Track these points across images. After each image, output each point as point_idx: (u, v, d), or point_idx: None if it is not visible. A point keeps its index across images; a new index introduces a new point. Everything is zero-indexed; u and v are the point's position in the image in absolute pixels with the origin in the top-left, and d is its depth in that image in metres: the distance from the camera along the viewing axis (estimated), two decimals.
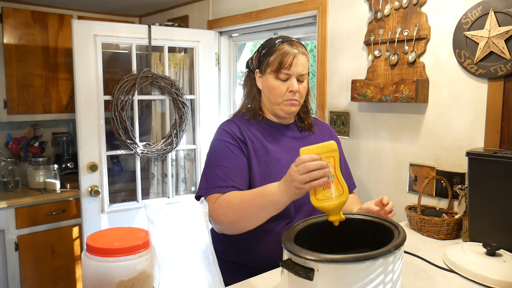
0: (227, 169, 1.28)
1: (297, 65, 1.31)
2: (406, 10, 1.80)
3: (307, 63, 1.35)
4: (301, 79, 1.33)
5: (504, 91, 1.55)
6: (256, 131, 1.38)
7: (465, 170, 1.60)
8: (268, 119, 1.42)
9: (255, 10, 2.52)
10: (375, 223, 1.06)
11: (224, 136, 1.35)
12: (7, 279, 2.63)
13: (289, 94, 1.32)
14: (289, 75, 1.31)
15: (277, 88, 1.32)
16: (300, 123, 1.47)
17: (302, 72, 1.32)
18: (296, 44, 1.34)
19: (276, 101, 1.35)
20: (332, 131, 1.55)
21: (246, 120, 1.40)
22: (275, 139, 1.39)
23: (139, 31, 2.61)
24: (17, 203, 2.64)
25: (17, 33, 2.85)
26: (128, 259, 0.79)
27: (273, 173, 1.32)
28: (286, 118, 1.40)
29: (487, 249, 1.23)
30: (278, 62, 1.31)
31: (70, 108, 3.07)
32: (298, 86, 1.32)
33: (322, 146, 1.06)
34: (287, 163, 1.30)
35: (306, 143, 1.39)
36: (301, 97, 1.35)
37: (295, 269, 0.84)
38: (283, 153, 1.36)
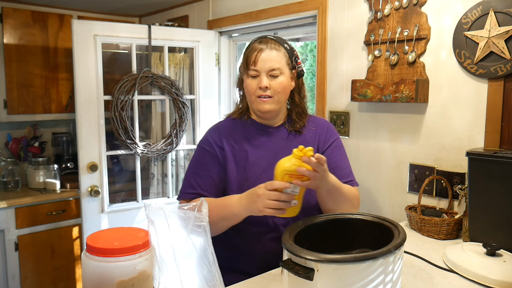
0: (199, 177, 1.33)
1: (264, 60, 1.28)
2: (406, 10, 1.80)
3: (279, 58, 1.30)
4: (274, 74, 1.29)
5: (504, 91, 1.55)
6: (239, 133, 1.37)
7: (465, 170, 1.59)
8: (254, 120, 1.40)
9: (255, 10, 2.52)
10: (375, 223, 1.06)
11: (204, 143, 1.38)
12: (7, 279, 2.63)
13: (259, 91, 1.29)
14: (257, 71, 1.29)
15: (249, 85, 1.31)
16: (289, 125, 1.41)
17: (272, 67, 1.28)
18: (266, 40, 1.32)
19: (250, 99, 1.34)
20: (327, 129, 1.46)
21: (232, 122, 1.40)
22: (258, 141, 1.36)
23: (139, 31, 2.61)
24: (17, 203, 2.64)
25: (17, 33, 2.85)
26: (128, 259, 0.79)
27: (250, 178, 1.30)
28: (265, 117, 1.37)
29: (487, 249, 1.23)
30: (245, 60, 1.31)
31: (70, 108, 3.07)
32: (269, 82, 1.28)
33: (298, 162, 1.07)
34: (266, 168, 1.30)
35: (291, 145, 1.34)
36: (275, 93, 1.30)
37: (295, 269, 0.84)
38: (265, 157, 1.34)
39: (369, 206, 2.03)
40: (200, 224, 0.91)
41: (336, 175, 1.33)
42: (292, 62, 1.35)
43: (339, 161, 1.40)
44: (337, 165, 1.38)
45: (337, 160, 1.40)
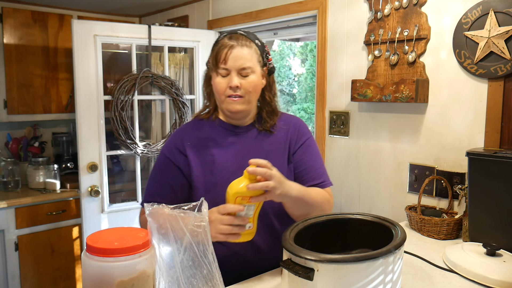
0: (158, 184, 1.29)
1: (235, 58, 1.21)
2: (406, 10, 1.80)
3: (250, 56, 1.23)
4: (244, 73, 1.22)
5: (504, 91, 1.55)
6: (206, 136, 1.31)
7: (465, 170, 1.59)
8: (221, 120, 1.33)
9: (255, 10, 2.52)
10: (375, 223, 1.06)
11: (165, 149, 1.32)
12: (7, 279, 2.63)
13: (229, 90, 1.23)
14: (228, 69, 1.22)
15: (218, 84, 1.24)
16: (259, 124, 1.34)
17: (242, 65, 1.21)
18: (237, 36, 1.24)
19: (219, 98, 1.26)
20: (299, 127, 1.38)
21: (198, 123, 1.34)
22: (226, 142, 1.30)
23: (139, 31, 2.61)
24: (17, 203, 2.64)
25: (17, 33, 2.85)
26: (128, 259, 0.79)
27: (218, 183, 1.24)
28: (234, 118, 1.30)
29: (487, 249, 1.23)
30: (214, 57, 1.24)
31: (70, 108, 3.07)
32: (240, 81, 1.22)
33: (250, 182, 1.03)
34: (235, 170, 1.23)
35: (262, 146, 1.31)
36: (246, 93, 1.23)
37: (295, 269, 0.84)
38: (233, 159, 1.28)
39: (369, 206, 2.03)
40: (200, 224, 0.91)
41: (307, 177, 1.31)
42: (263, 59, 1.29)
43: (311, 162, 1.34)
44: (309, 166, 1.33)
45: (309, 161, 1.34)
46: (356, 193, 2.09)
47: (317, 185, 1.32)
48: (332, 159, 2.18)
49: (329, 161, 2.20)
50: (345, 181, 2.13)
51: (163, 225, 0.90)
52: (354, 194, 2.10)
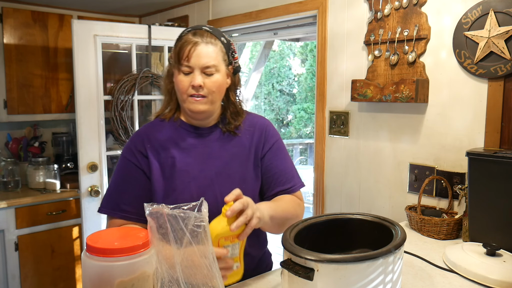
0: (122, 190, 1.22)
1: (198, 56, 1.15)
2: (406, 10, 1.80)
3: (215, 54, 1.18)
4: (209, 71, 1.16)
5: (504, 91, 1.55)
6: (167, 137, 1.24)
7: (465, 170, 1.59)
8: (183, 121, 1.27)
9: (255, 10, 2.52)
10: (375, 223, 1.06)
11: (126, 151, 1.25)
12: (7, 279, 2.63)
13: (191, 90, 1.16)
14: (191, 67, 1.16)
15: (180, 82, 1.17)
16: (223, 125, 1.28)
17: (206, 63, 1.15)
18: (202, 33, 1.18)
19: (181, 97, 1.20)
20: (264, 129, 1.32)
21: (160, 124, 1.27)
22: (188, 145, 1.24)
23: (139, 31, 2.61)
24: (17, 203, 2.64)
25: (17, 33, 2.85)
26: (128, 259, 0.78)
27: (178, 187, 1.20)
28: (196, 118, 1.24)
29: (487, 249, 1.23)
30: (177, 53, 1.17)
31: (70, 108, 3.07)
32: (203, 80, 1.16)
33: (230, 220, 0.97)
34: (197, 175, 1.21)
35: (225, 149, 1.26)
36: (210, 93, 1.18)
37: (295, 269, 0.84)
38: (195, 163, 1.23)
39: (369, 206, 2.03)
40: (200, 224, 0.91)
41: (277, 182, 1.28)
42: (228, 57, 1.23)
43: (281, 166, 1.30)
44: (279, 170, 1.29)
45: (279, 165, 1.30)
46: (356, 193, 2.09)
47: (288, 189, 1.28)
48: (332, 159, 2.18)
49: (329, 161, 2.20)
50: (345, 181, 2.13)
51: (163, 225, 0.90)
52: (354, 194, 2.10)
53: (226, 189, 1.17)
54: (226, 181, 1.23)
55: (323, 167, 2.23)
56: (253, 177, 1.27)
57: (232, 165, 1.25)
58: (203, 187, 1.21)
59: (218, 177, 1.23)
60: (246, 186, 1.23)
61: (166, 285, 0.89)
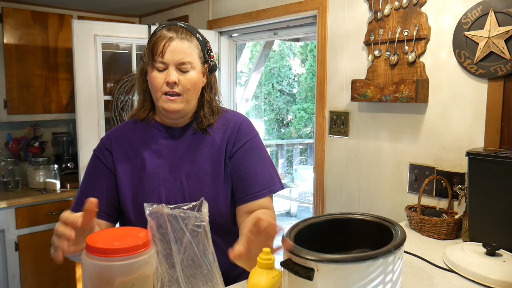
0: (85, 189, 1.18)
1: (173, 51, 1.11)
2: (406, 10, 1.80)
3: (191, 51, 1.14)
4: (184, 68, 1.13)
5: (504, 91, 1.55)
6: (138, 138, 1.21)
7: (465, 170, 1.59)
8: (157, 121, 1.23)
9: (255, 10, 2.52)
10: (375, 223, 1.05)
11: (96, 150, 1.23)
12: (7, 279, 2.63)
13: (166, 87, 1.12)
14: (165, 63, 1.11)
15: (154, 79, 1.13)
16: (196, 124, 1.23)
17: (181, 60, 1.12)
18: (177, 29, 1.14)
19: (155, 95, 1.15)
20: (238, 128, 1.24)
21: (132, 125, 1.24)
22: (159, 146, 1.20)
23: (139, 31, 2.61)
24: (17, 203, 2.64)
25: (17, 33, 2.85)
26: (128, 259, 0.78)
27: (147, 190, 1.16)
28: (170, 117, 1.19)
29: (487, 249, 1.23)
30: (151, 49, 1.13)
31: (70, 108, 3.07)
32: (178, 77, 1.12)
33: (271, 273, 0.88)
34: (167, 177, 1.17)
35: (198, 148, 1.21)
36: (185, 91, 1.13)
37: (295, 269, 0.84)
38: (166, 165, 1.19)
39: (369, 206, 2.03)
40: (200, 224, 0.91)
41: (245, 184, 1.19)
42: (204, 55, 1.20)
43: (250, 167, 1.21)
44: (248, 171, 1.20)
45: (248, 166, 1.21)
46: (356, 193, 2.09)
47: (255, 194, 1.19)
48: (332, 159, 2.18)
49: (329, 161, 2.20)
50: (345, 181, 2.13)
51: (163, 225, 0.90)
52: (354, 194, 2.10)
53: (196, 191, 1.15)
54: (196, 183, 1.18)
55: (323, 167, 2.23)
56: (223, 179, 1.21)
57: (203, 166, 1.20)
58: (173, 190, 1.17)
59: (188, 179, 1.18)
60: (218, 188, 1.19)
61: (166, 285, 0.89)
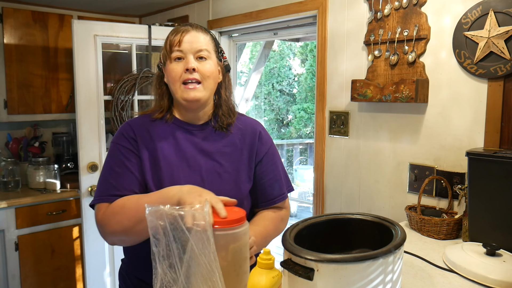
0: (118, 175, 1.14)
1: (190, 41, 1.14)
2: (406, 10, 1.80)
3: (207, 41, 1.18)
4: (202, 55, 1.15)
5: (504, 91, 1.55)
6: (157, 132, 1.20)
7: (465, 170, 1.60)
8: (176, 118, 1.23)
9: (255, 10, 2.52)
10: (375, 223, 1.06)
11: (117, 138, 1.20)
12: (7, 279, 2.63)
13: (185, 74, 1.13)
14: (182, 52, 1.14)
15: (173, 70, 1.15)
16: (215, 123, 1.25)
17: (199, 47, 1.15)
18: (190, 24, 1.20)
19: (174, 87, 1.17)
20: (257, 133, 1.29)
21: (150, 120, 1.23)
22: (179, 141, 1.20)
23: (139, 31, 2.61)
24: (17, 203, 2.64)
25: (17, 33, 2.85)
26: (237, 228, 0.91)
27: (166, 184, 1.14)
28: (191, 107, 1.19)
29: (487, 249, 1.23)
30: (168, 43, 1.17)
31: (70, 108, 3.07)
32: (197, 64, 1.14)
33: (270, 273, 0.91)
34: (187, 172, 1.17)
35: (215, 147, 1.22)
36: (204, 78, 1.15)
37: (295, 269, 0.84)
38: (185, 160, 1.19)
39: (369, 206, 2.03)
40: (199, 223, 0.91)
41: (269, 189, 1.27)
42: (218, 52, 1.23)
43: (275, 171, 1.29)
44: (273, 177, 1.28)
45: (272, 171, 1.28)
46: (356, 193, 2.09)
47: (280, 197, 1.29)
48: (332, 159, 2.18)
49: (329, 161, 2.20)
50: (345, 181, 2.13)
51: (162, 224, 0.90)
52: (354, 194, 2.10)
53: (216, 187, 1.16)
54: (216, 180, 1.20)
55: (323, 167, 2.23)
56: (245, 178, 1.25)
57: (223, 164, 1.22)
58: (193, 184, 1.17)
59: (208, 175, 1.20)
60: (237, 186, 1.22)
61: (166, 285, 0.89)
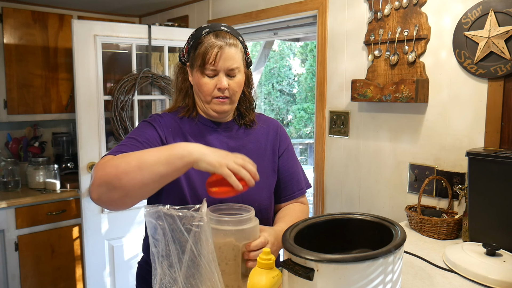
0: (137, 142, 1.15)
1: (224, 59, 1.17)
2: (406, 10, 1.80)
3: (238, 55, 1.20)
4: (232, 73, 1.20)
5: (504, 91, 1.55)
6: (186, 130, 1.25)
7: (465, 170, 1.59)
8: (202, 116, 1.28)
9: (255, 10, 2.52)
10: (375, 223, 1.05)
11: (151, 118, 1.24)
12: (7, 279, 2.63)
13: (217, 92, 1.19)
14: (216, 70, 1.18)
15: (205, 85, 1.19)
16: (239, 120, 1.32)
17: (231, 66, 1.18)
18: (224, 35, 1.19)
19: (205, 99, 1.22)
20: (278, 129, 1.38)
21: (178, 118, 1.27)
22: (207, 139, 1.25)
23: (139, 31, 2.61)
24: (17, 203, 2.64)
25: (17, 33, 2.85)
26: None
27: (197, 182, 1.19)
28: (219, 118, 1.27)
29: (487, 249, 1.23)
30: (201, 57, 1.18)
31: (70, 108, 3.07)
32: (228, 82, 1.19)
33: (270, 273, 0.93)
34: None
35: (243, 144, 1.28)
36: (233, 93, 1.22)
37: (295, 269, 0.84)
38: None
39: (369, 206, 2.03)
40: (198, 224, 0.91)
41: (291, 183, 1.34)
42: (245, 55, 1.26)
43: (295, 167, 1.36)
44: (294, 171, 1.35)
45: (293, 166, 1.36)
46: (356, 193, 2.09)
47: (299, 191, 1.36)
48: (332, 159, 2.18)
49: (329, 161, 2.20)
50: (345, 181, 2.13)
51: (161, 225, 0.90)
52: (354, 194, 2.10)
53: None
54: None
55: (323, 167, 2.23)
56: (270, 173, 1.30)
57: (251, 160, 1.25)
58: None
59: None
60: (264, 181, 1.26)
61: (165, 285, 0.89)
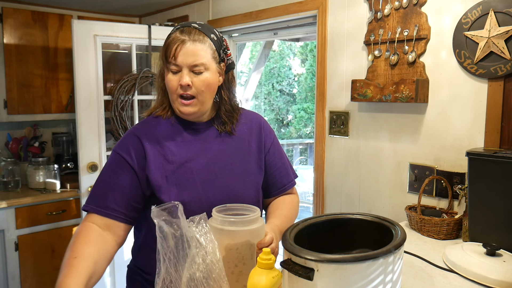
0: (108, 186, 1.14)
1: (185, 54, 1.12)
2: (406, 10, 1.80)
3: (204, 52, 1.14)
4: (197, 70, 1.14)
5: (504, 91, 1.55)
6: (164, 133, 1.21)
7: (465, 170, 1.60)
8: (178, 116, 1.24)
9: (255, 10, 2.52)
10: (375, 223, 1.05)
11: (119, 147, 1.20)
12: (7, 279, 2.63)
13: (180, 89, 1.15)
14: (179, 66, 1.14)
15: (169, 81, 1.16)
16: (221, 126, 1.27)
17: (194, 62, 1.13)
18: (190, 30, 1.15)
19: (171, 97, 1.19)
20: (261, 125, 1.34)
21: (155, 121, 1.24)
22: (186, 140, 1.22)
23: (139, 31, 2.61)
24: (17, 203, 2.64)
25: (17, 33, 2.85)
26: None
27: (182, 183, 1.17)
28: (187, 119, 1.23)
29: (487, 249, 1.23)
30: (164, 53, 1.16)
31: (70, 108, 3.07)
32: (192, 79, 1.14)
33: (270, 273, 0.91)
34: (200, 170, 1.19)
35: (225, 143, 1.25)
36: (199, 92, 1.15)
37: (295, 269, 0.84)
38: (197, 158, 1.20)
39: (369, 206, 2.03)
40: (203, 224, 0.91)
41: (278, 177, 1.34)
42: (220, 54, 1.20)
43: (282, 160, 1.36)
44: (281, 165, 1.35)
45: (281, 159, 1.36)
46: (356, 193, 2.09)
47: (289, 184, 1.37)
48: (332, 159, 2.18)
49: (329, 161, 2.20)
50: (345, 181, 2.13)
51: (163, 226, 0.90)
52: (354, 194, 2.10)
53: (231, 182, 1.21)
54: (230, 175, 1.23)
55: (323, 167, 2.23)
56: (256, 170, 1.28)
57: (235, 159, 1.25)
58: (208, 182, 1.20)
59: (222, 171, 1.22)
60: (250, 178, 1.26)
61: (168, 285, 0.89)
